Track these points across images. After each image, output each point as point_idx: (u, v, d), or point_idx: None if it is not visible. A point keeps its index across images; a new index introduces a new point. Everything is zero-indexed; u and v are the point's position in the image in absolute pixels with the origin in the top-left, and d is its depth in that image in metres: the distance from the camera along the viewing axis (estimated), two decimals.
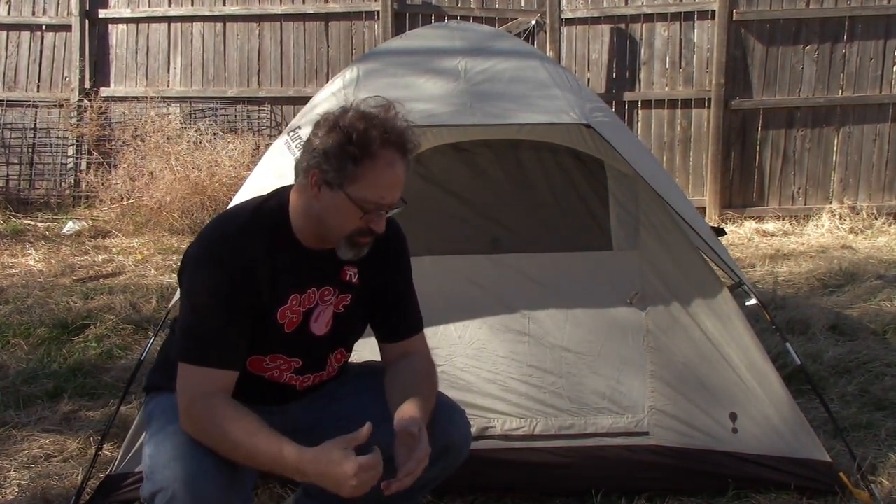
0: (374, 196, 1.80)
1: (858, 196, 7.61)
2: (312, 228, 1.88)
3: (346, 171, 1.77)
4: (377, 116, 1.79)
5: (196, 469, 1.72)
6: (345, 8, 8.02)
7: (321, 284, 1.95)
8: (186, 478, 1.71)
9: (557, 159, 2.87)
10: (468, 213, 2.86)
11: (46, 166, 8.25)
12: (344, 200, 1.80)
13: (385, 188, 1.81)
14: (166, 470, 1.73)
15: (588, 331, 2.76)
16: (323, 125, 1.81)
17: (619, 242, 2.82)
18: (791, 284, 5.33)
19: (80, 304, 4.82)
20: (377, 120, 1.79)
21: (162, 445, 1.79)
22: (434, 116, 2.61)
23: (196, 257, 1.86)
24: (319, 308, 1.97)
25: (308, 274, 1.92)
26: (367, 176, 1.78)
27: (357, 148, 1.76)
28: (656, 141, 7.76)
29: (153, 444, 1.83)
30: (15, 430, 3.20)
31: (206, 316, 1.82)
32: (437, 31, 3.59)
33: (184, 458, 1.74)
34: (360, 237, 1.87)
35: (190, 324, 1.85)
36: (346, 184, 1.78)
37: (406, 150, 1.83)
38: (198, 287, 1.83)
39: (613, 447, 2.67)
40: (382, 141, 1.77)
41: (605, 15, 7.75)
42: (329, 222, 1.85)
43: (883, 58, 7.49)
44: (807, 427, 2.65)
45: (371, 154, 1.77)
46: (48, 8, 8.34)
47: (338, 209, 1.81)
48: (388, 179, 1.80)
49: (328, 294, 1.97)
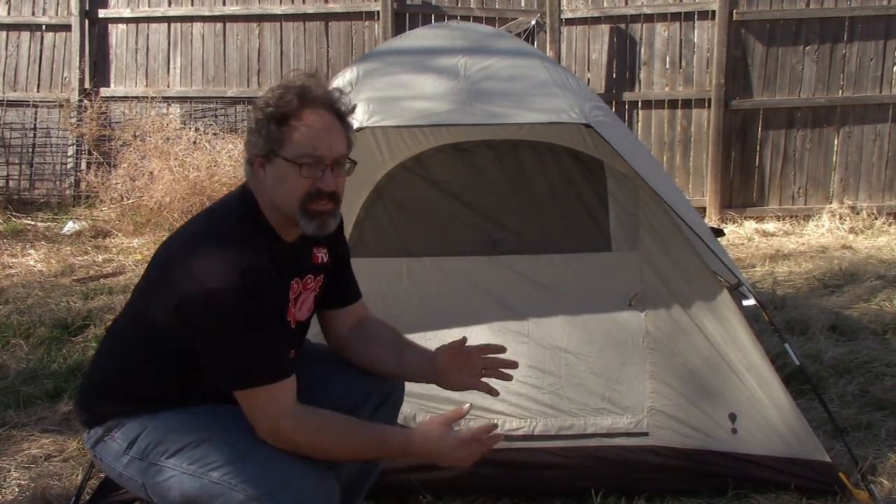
0: (306, 147, 1.79)
1: (858, 196, 7.60)
2: (279, 214, 1.87)
3: (272, 135, 1.80)
4: (291, 83, 1.83)
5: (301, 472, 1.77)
6: (345, 8, 8.02)
7: (303, 274, 1.96)
8: (322, 488, 1.78)
9: (557, 160, 2.86)
10: (468, 214, 2.86)
11: (46, 166, 8.25)
12: (282, 165, 1.80)
13: (315, 138, 1.80)
14: (301, 480, 1.74)
15: (587, 331, 2.76)
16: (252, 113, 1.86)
17: (619, 243, 2.82)
18: (791, 284, 5.33)
19: (80, 304, 4.82)
20: (291, 85, 1.82)
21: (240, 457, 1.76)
22: (434, 115, 2.61)
23: (217, 291, 1.71)
24: (303, 296, 1.98)
25: (293, 267, 1.93)
26: (294, 131, 1.79)
27: (276, 110, 1.79)
28: (656, 141, 7.76)
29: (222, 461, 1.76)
30: (15, 430, 3.20)
31: (254, 339, 1.75)
32: (437, 31, 3.58)
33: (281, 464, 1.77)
34: (314, 203, 1.83)
35: (239, 352, 1.75)
36: (278, 149, 1.80)
37: (332, 107, 1.84)
38: (234, 318, 1.73)
39: (613, 447, 2.68)
40: (300, 101, 1.80)
41: (605, 15, 7.75)
42: (280, 196, 1.83)
43: (883, 58, 7.49)
44: (806, 427, 2.65)
45: (291, 112, 1.79)
46: (48, 8, 8.33)
47: (281, 178, 1.81)
48: (315, 129, 1.80)
49: (310, 282, 1.99)
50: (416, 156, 2.91)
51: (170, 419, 1.83)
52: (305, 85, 1.82)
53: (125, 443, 1.84)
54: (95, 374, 1.96)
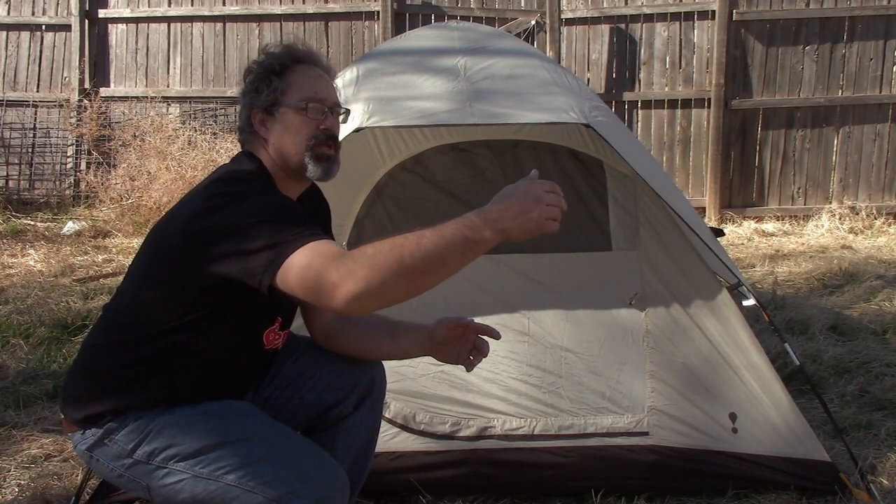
0: (309, 92, 1.88)
1: (858, 196, 7.61)
2: (283, 167, 1.89)
3: (273, 85, 1.87)
4: (274, 45, 1.94)
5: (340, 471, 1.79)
6: (345, 8, 8.02)
7: None
8: (340, 483, 1.77)
9: (557, 160, 2.87)
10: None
11: (46, 166, 8.25)
12: (286, 113, 1.88)
13: (314, 83, 1.90)
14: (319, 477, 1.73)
15: (588, 331, 2.76)
16: (242, 83, 1.94)
17: (619, 243, 2.82)
18: (791, 284, 5.33)
19: (80, 304, 4.82)
20: (277, 46, 1.93)
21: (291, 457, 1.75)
22: (433, 115, 2.61)
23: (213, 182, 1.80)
24: None
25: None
26: (293, 79, 1.89)
27: (274, 62, 1.89)
28: (656, 141, 7.77)
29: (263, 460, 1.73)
30: (15, 430, 3.20)
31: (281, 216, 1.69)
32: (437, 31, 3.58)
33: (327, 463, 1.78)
34: (322, 147, 1.88)
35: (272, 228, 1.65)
36: (280, 98, 1.87)
37: (319, 63, 1.95)
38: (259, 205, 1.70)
39: (613, 447, 2.67)
40: (292, 57, 1.91)
41: (604, 15, 7.75)
42: (286, 145, 1.88)
43: (883, 58, 7.50)
44: (806, 427, 2.65)
45: (287, 65, 1.90)
46: (48, 8, 8.34)
47: (286, 126, 1.88)
48: (311, 76, 1.91)
49: None
50: (416, 156, 2.91)
51: (176, 421, 1.79)
52: (292, 47, 1.93)
53: (128, 445, 1.79)
54: (89, 373, 1.88)
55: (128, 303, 1.88)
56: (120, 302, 1.91)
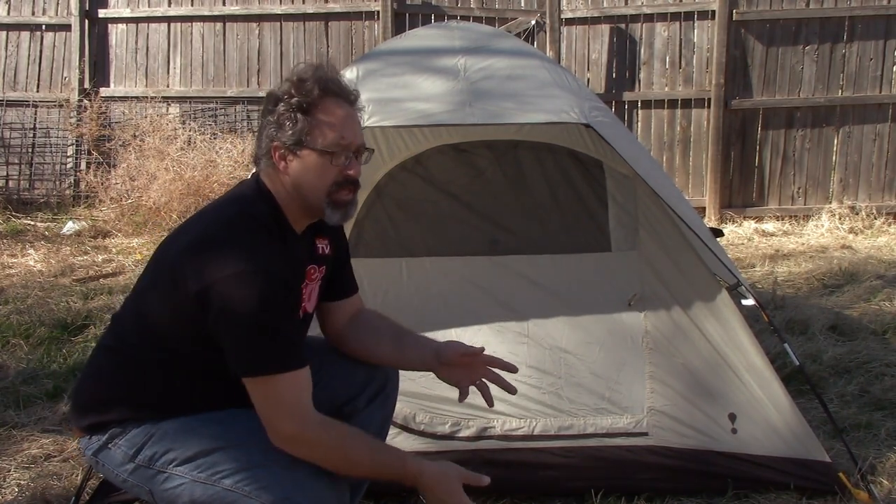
0: (335, 137, 1.82)
1: (858, 196, 7.61)
2: (298, 206, 1.87)
3: (298, 125, 1.80)
4: (307, 73, 1.84)
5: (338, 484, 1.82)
6: (345, 8, 8.02)
7: (308, 265, 1.96)
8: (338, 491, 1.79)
9: (556, 160, 2.87)
10: (467, 214, 2.86)
11: (46, 166, 8.25)
12: (310, 156, 1.82)
13: (341, 126, 1.83)
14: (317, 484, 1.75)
15: (587, 332, 2.76)
16: (264, 106, 1.87)
17: (618, 243, 2.82)
18: (791, 284, 5.33)
19: (80, 304, 4.82)
20: (308, 75, 1.83)
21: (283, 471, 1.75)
22: (433, 116, 2.61)
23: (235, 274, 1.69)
24: (310, 286, 1.99)
25: (301, 258, 1.93)
26: (320, 120, 1.81)
27: (300, 98, 1.80)
28: (656, 141, 7.77)
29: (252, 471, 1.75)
30: (15, 430, 3.20)
31: (271, 324, 1.72)
32: (437, 31, 3.58)
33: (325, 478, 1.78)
34: (342, 193, 1.86)
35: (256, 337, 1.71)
36: (305, 139, 1.81)
37: (347, 97, 1.87)
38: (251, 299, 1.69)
39: (613, 447, 2.68)
40: (321, 90, 1.82)
41: (604, 15, 7.75)
42: (306, 187, 1.84)
43: (883, 58, 7.50)
44: (806, 427, 2.65)
45: (315, 102, 1.81)
46: (48, 8, 8.34)
47: (309, 168, 1.83)
48: (340, 118, 1.83)
49: (314, 273, 1.99)
50: (416, 156, 2.91)
51: (177, 426, 1.81)
52: (322, 75, 1.84)
53: (130, 450, 1.82)
54: (95, 381, 1.91)
55: (133, 314, 1.89)
56: (126, 311, 1.93)
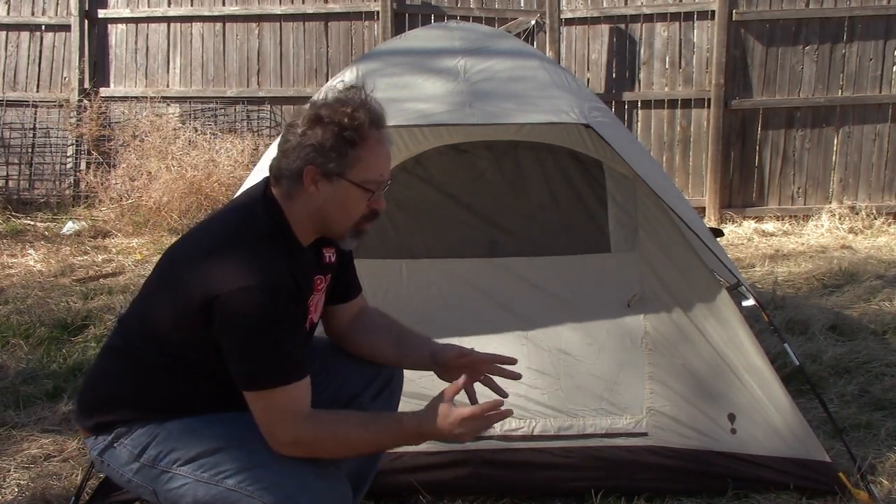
0: (375, 174, 1.84)
1: (858, 196, 7.61)
2: (314, 227, 1.88)
3: (346, 157, 1.79)
4: (355, 100, 1.82)
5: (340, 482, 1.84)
6: (344, 8, 8.02)
7: (315, 275, 1.97)
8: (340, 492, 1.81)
9: (556, 161, 2.87)
10: (467, 215, 2.86)
11: (46, 166, 8.25)
12: (348, 188, 1.82)
13: (382, 165, 1.85)
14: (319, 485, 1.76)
15: (587, 333, 2.76)
16: (304, 122, 1.81)
17: (618, 244, 2.82)
18: (791, 284, 5.33)
19: (80, 304, 4.82)
20: (357, 103, 1.81)
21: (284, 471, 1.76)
22: (433, 116, 2.61)
23: (241, 289, 1.69)
24: (316, 297, 1.99)
25: (308, 270, 1.93)
26: (366, 156, 1.81)
27: (353, 132, 1.78)
28: (656, 141, 7.77)
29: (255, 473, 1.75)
30: (15, 430, 3.20)
31: (275, 339, 1.73)
32: (437, 31, 3.58)
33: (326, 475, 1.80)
34: (365, 223, 1.89)
35: (259, 351, 1.73)
36: (347, 171, 1.80)
37: (384, 125, 1.88)
38: (256, 314, 1.70)
39: (612, 448, 2.68)
40: (370, 122, 1.81)
41: (604, 15, 7.75)
42: (335, 215, 1.85)
43: (883, 58, 7.50)
44: (806, 427, 2.65)
45: (364, 136, 1.80)
46: (48, 8, 8.34)
47: (343, 199, 1.83)
48: (383, 156, 1.85)
49: (320, 283, 1.99)
50: (416, 157, 2.91)
51: (181, 427, 1.81)
52: (372, 107, 1.83)
53: (135, 450, 1.82)
54: (101, 382, 1.92)
55: (138, 319, 1.90)
56: (132, 315, 1.93)
